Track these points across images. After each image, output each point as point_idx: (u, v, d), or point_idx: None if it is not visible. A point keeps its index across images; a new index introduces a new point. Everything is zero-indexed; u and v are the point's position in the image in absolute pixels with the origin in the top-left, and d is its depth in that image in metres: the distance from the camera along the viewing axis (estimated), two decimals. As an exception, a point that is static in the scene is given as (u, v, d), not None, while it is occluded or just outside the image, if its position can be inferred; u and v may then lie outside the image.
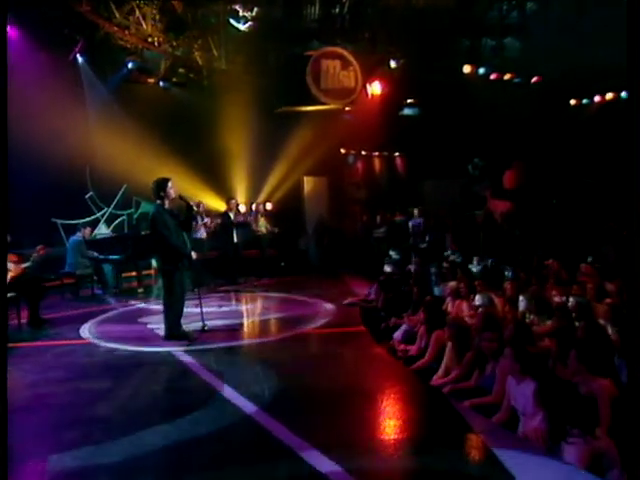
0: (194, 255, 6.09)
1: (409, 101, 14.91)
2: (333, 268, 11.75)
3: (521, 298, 5.25)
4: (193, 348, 5.23)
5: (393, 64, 12.47)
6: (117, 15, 11.60)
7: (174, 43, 12.93)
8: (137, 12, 11.96)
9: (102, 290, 9.61)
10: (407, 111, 15.17)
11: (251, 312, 7.28)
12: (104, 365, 4.75)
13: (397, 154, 17.03)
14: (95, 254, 9.52)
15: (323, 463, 2.67)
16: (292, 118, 12.78)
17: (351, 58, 11.87)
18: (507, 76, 13.31)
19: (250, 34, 11.98)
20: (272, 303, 8.33)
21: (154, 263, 12.63)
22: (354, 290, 8.71)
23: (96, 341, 5.68)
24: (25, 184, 10.11)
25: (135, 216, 12.87)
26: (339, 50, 11.88)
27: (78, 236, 9.39)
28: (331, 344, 5.35)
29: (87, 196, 11.80)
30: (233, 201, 10.42)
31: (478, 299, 5.40)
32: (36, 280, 6.90)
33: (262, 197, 13.70)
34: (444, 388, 4.02)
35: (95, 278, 9.56)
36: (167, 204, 5.70)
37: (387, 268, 8.57)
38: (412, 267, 8.50)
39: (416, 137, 14.32)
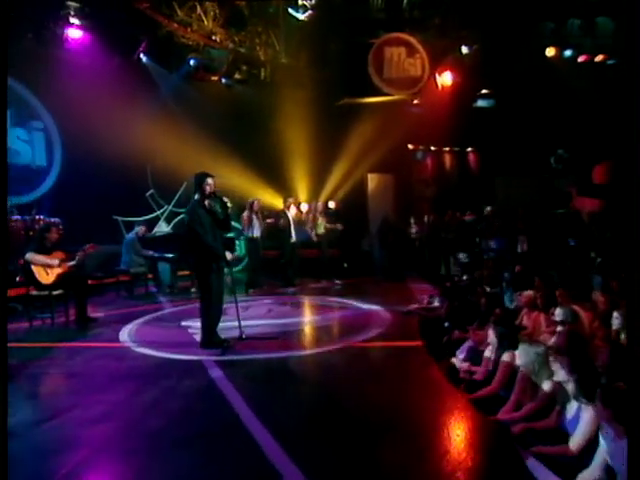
0: (229, 256, 5.62)
1: (483, 92, 13.74)
2: (397, 271, 10.95)
3: (615, 314, 4.25)
4: (226, 359, 4.74)
5: (465, 50, 11.41)
6: (179, 13, 11.56)
7: (235, 38, 12.76)
8: (198, 9, 11.86)
9: (156, 288, 9.50)
10: (481, 103, 13.98)
11: (299, 319, 6.71)
12: (126, 374, 4.37)
13: (470, 149, 15.83)
14: (150, 252, 9.41)
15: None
16: (355, 111, 12.12)
17: (417, 45, 11.00)
18: (599, 57, 11.79)
19: (310, 23, 11.45)
20: (324, 309, 7.73)
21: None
22: (417, 296, 7.91)
23: (131, 345, 5.37)
24: (91, 183, 10.35)
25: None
26: (404, 36, 11.06)
27: (132, 234, 9.31)
28: (381, 361, 4.66)
29: (148, 194, 11.88)
30: (290, 199, 9.94)
31: (559, 313, 4.46)
32: (82, 278, 6.77)
33: (324, 195, 13.16)
34: (514, 426, 3.21)
35: (150, 276, 9.47)
36: (206, 201, 5.26)
37: (454, 272, 7.71)
38: (482, 272, 7.55)
39: (491, 130, 13.15)
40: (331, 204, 13.12)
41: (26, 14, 9.90)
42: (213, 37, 12.36)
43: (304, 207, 12.76)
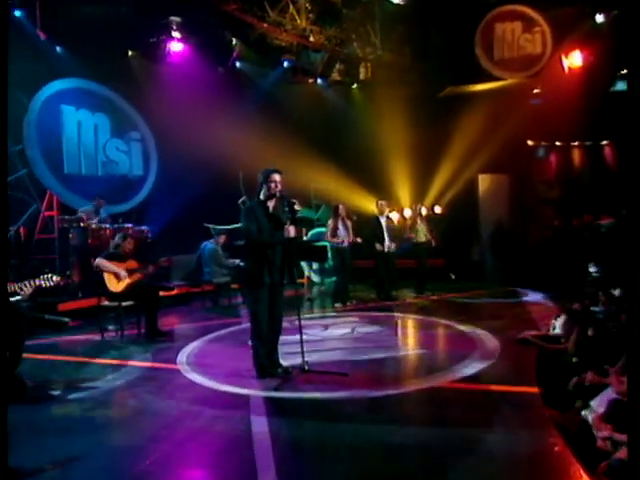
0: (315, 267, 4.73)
1: (624, 72, 11.41)
2: (512, 285, 9.33)
3: None
4: (277, 396, 3.85)
5: (600, 18, 9.35)
6: (270, 13, 11.14)
7: (330, 36, 12.06)
8: (291, 7, 11.35)
9: (243, 300, 8.97)
10: (621, 86, 11.66)
11: (383, 343, 5.60)
12: (155, 409, 3.66)
13: (605, 143, 13.38)
14: (237, 261, 8.93)
15: None
16: (461, 103, 10.69)
17: (537, 16, 9.26)
18: None
19: (407, 8, 10.32)
20: (417, 331, 6.56)
21: (306, 271, 11.92)
22: (535, 319, 6.40)
23: (184, 368, 4.71)
24: (185, 191, 10.28)
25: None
26: (520, 8, 9.38)
27: (212, 244, 8.88)
28: (477, 414, 3.41)
29: (240, 201, 11.55)
30: (383, 203, 8.85)
31: None
32: (154, 289, 6.35)
33: (429, 199, 11.88)
34: None
35: (236, 286, 8.99)
36: (270, 202, 4.42)
37: (586, 291, 6.09)
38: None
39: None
40: (437, 209, 11.82)
41: (128, 30, 10.13)
42: (307, 36, 11.79)
43: (407, 212, 11.58)
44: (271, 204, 4.41)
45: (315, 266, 11.67)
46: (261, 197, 4.42)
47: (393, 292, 8.79)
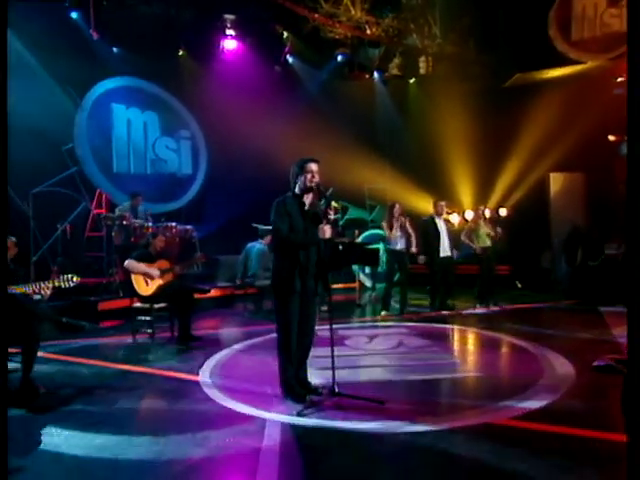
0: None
1: None
2: (589, 297, 8.24)
3: None
4: (297, 422, 3.29)
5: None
6: (323, 5, 10.65)
7: (387, 26, 11.39)
8: (345, -3, 10.81)
9: (271, 308, 8.48)
10: None
11: (431, 362, 4.90)
12: (164, 428, 3.20)
13: None
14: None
15: None
16: (530, 93, 9.68)
17: (624, -11, 8.11)
18: None
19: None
20: (473, 348, 5.78)
21: (361, 275, 11.29)
22: (617, 340, 5.43)
23: (206, 382, 4.26)
24: (234, 190, 10.02)
25: (340, 223, 11.68)
26: (605, -22, 8.25)
27: (260, 244, 8.44)
28: (541, 468, 2.67)
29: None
30: (442, 204, 8.05)
31: None
32: (187, 291, 5.99)
33: (493, 200, 10.91)
34: None
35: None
36: (307, 197, 3.85)
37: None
38: None
39: None
40: (502, 211, 10.82)
41: (180, 29, 10.03)
42: (362, 28, 11.20)
43: (469, 215, 10.68)
44: (307, 199, 3.84)
45: (368, 270, 11.04)
46: (296, 191, 3.85)
47: (450, 301, 8.00)
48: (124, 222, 7.66)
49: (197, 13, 10.27)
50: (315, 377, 4.02)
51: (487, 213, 8.97)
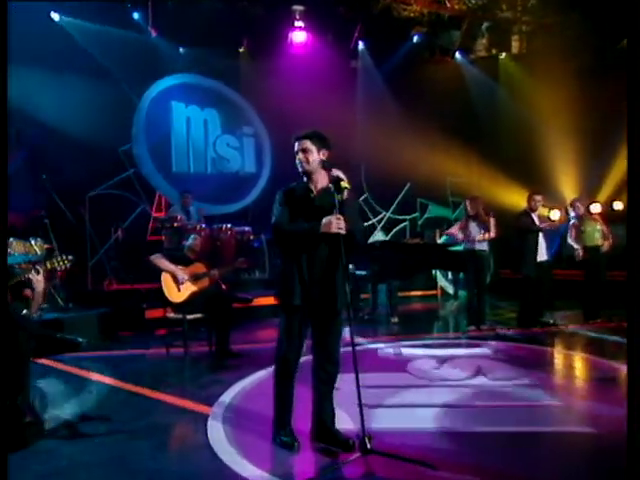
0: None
1: None
2: None
3: None
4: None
5: None
6: (396, -21, 9.56)
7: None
8: (420, -31, 9.62)
9: (355, 314, 7.51)
10: None
11: (517, 402, 3.64)
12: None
13: None
14: (350, 266, 7.52)
15: None
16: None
17: None
18: None
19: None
20: (580, 383, 4.38)
21: (443, 281, 10.01)
22: None
23: (216, 416, 3.41)
24: None
25: (420, 222, 10.48)
26: None
27: None
28: None
29: (361, 199, 10.14)
30: (538, 198, 6.58)
31: None
32: (225, 301, 5.24)
33: (603, 193, 9.14)
34: None
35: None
36: (314, 184, 2.87)
37: None
38: None
39: None
40: (617, 205, 8.98)
41: (243, 23, 9.53)
42: (441, 3, 9.93)
43: (595, 208, 9.00)
44: (316, 185, 2.86)
45: (450, 275, 9.75)
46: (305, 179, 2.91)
47: (547, 316, 6.53)
48: (175, 224, 7.16)
49: (263, 6, 9.72)
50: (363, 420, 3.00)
51: (596, 208, 7.33)
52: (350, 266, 7.44)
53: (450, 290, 9.71)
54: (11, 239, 5.99)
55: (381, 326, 6.89)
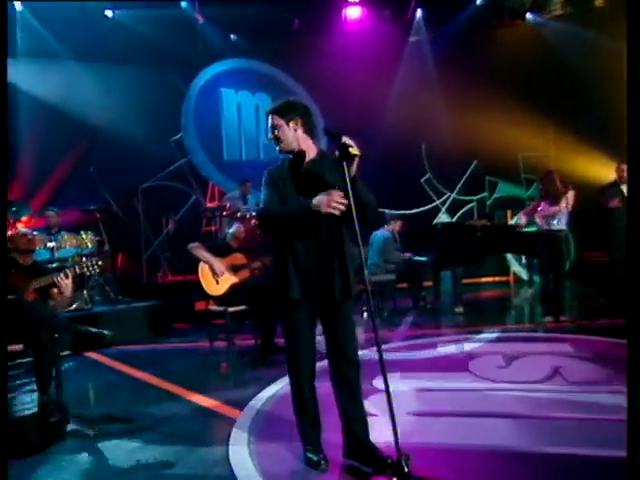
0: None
1: None
2: None
3: None
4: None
5: None
6: None
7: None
8: None
9: (415, 303, 6.93)
10: None
11: (606, 419, 2.96)
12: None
13: None
14: (406, 255, 6.98)
15: None
16: None
17: None
18: None
19: None
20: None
21: (516, 266, 9.14)
22: None
23: (243, 422, 3.06)
24: (362, 172, 8.78)
25: (489, 202, 9.61)
26: None
27: (386, 232, 6.96)
28: None
29: (423, 179, 9.44)
30: (624, 166, 5.65)
31: None
32: (268, 292, 4.89)
33: None
34: None
35: (404, 285, 7.03)
36: (303, 158, 2.40)
37: None
38: None
39: None
40: None
41: (294, 2, 9.13)
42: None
43: None
44: (305, 159, 2.40)
45: (524, 259, 8.86)
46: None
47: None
48: (224, 213, 6.93)
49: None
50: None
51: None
52: (407, 255, 6.88)
53: (524, 276, 8.82)
54: (63, 233, 6.05)
55: (444, 317, 6.29)
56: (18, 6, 7.49)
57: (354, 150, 2.20)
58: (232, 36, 9.07)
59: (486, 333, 5.09)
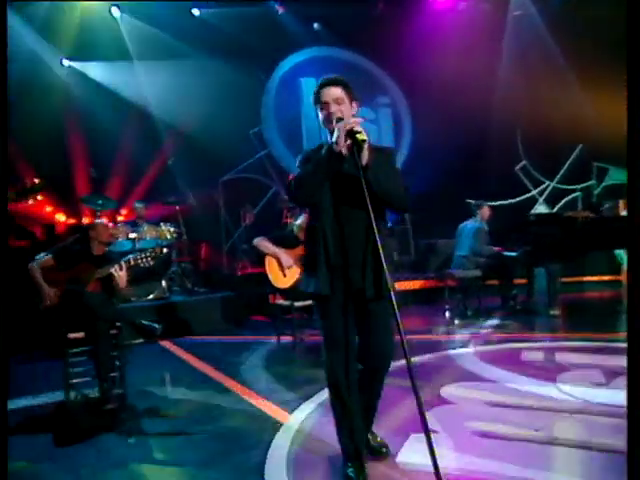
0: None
1: None
2: None
3: None
4: None
5: None
6: None
7: None
8: None
9: (504, 303, 6.28)
10: None
11: None
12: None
13: None
14: (494, 249, 6.37)
15: None
16: None
17: None
18: None
19: None
20: None
21: (626, 262, 8.00)
22: None
23: (290, 426, 2.83)
24: (445, 162, 8.24)
25: (596, 191, 8.53)
26: None
27: (475, 222, 6.36)
28: None
29: (518, 167, 8.58)
30: None
31: None
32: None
33: None
34: None
35: (496, 282, 6.40)
36: (339, 144, 2.03)
37: None
38: None
39: None
40: None
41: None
42: None
43: None
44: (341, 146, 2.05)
45: None
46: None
47: None
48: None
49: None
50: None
51: None
52: (495, 248, 6.24)
53: None
54: (145, 224, 6.27)
55: (535, 319, 5.59)
56: (116, 12, 7.89)
57: (362, 135, 1.98)
58: (315, 25, 8.91)
59: (584, 341, 4.41)
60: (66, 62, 7.72)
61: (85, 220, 7.47)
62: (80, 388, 3.45)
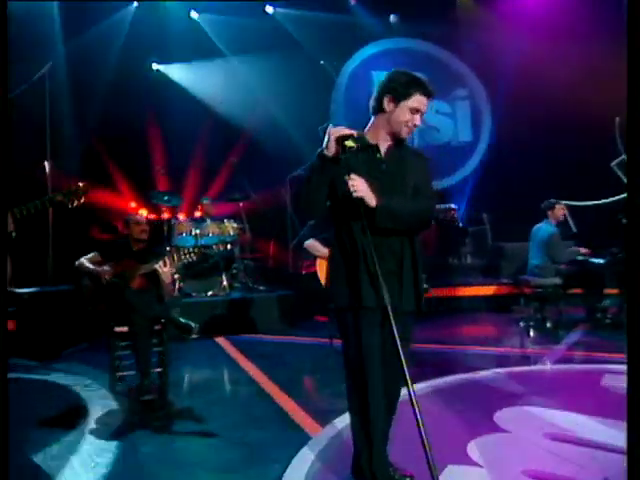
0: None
1: None
2: None
3: None
4: None
5: None
6: None
7: None
8: None
9: (589, 315, 5.61)
10: None
11: None
12: None
13: None
14: (579, 250, 5.74)
15: None
16: None
17: None
18: None
19: None
20: None
21: None
22: None
23: (322, 439, 2.62)
24: (528, 158, 7.61)
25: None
26: None
27: (549, 225, 5.73)
28: None
29: (614, 163, 7.61)
30: None
31: None
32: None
33: None
34: None
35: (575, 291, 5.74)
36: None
37: None
38: None
39: None
40: None
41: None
42: None
43: None
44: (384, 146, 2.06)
45: None
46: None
47: None
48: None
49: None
50: None
51: None
52: (580, 250, 5.60)
53: None
54: (208, 220, 6.37)
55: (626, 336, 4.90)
56: (194, 15, 8.08)
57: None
58: (392, 17, 8.58)
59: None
60: (155, 66, 8.01)
61: (164, 216, 7.74)
62: (125, 380, 3.50)
